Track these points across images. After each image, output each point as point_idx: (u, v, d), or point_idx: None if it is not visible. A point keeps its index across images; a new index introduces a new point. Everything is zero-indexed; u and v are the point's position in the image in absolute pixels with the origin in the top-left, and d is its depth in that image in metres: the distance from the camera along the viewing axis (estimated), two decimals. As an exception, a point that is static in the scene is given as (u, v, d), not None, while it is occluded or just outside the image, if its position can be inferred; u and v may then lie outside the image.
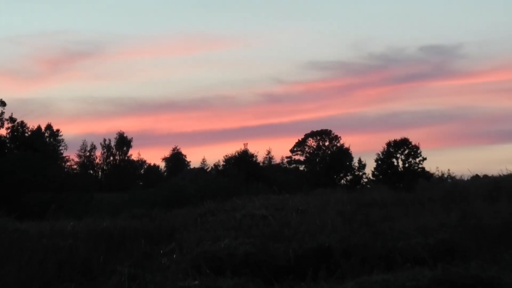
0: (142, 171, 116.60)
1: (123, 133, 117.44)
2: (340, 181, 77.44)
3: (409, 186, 38.01)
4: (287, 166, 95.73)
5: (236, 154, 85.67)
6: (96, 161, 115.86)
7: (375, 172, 46.66)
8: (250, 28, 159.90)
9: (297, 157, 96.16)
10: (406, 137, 45.97)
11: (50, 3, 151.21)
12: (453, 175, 45.69)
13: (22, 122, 72.43)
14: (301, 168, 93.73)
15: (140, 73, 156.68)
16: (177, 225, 25.52)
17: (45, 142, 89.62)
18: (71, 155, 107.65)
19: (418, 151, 44.04)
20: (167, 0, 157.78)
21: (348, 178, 78.47)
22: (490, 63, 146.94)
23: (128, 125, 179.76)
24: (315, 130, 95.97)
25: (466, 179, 42.16)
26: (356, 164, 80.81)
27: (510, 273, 14.99)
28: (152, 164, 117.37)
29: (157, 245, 22.18)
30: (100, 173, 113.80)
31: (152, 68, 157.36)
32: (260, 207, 27.23)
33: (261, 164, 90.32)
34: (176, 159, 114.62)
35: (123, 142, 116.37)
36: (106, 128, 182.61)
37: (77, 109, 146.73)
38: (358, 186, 60.40)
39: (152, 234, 24.00)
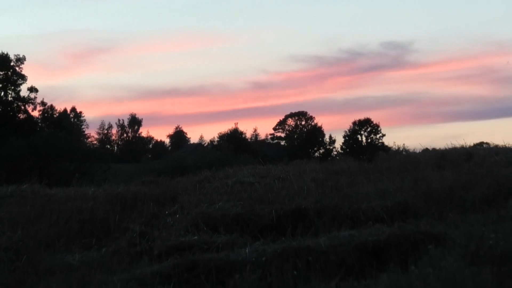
0: (150, 146, 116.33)
1: (135, 114, 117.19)
2: (314, 153, 77.51)
3: (371, 157, 38.03)
4: (271, 141, 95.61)
5: (228, 131, 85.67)
6: (112, 138, 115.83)
7: (343, 146, 46.81)
8: (240, 27, 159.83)
9: (278, 134, 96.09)
10: (368, 117, 46.30)
11: (75, 7, 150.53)
12: (407, 148, 45.83)
13: (51, 105, 72.16)
14: (282, 143, 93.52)
15: (149, 64, 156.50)
16: (179, 190, 25.41)
17: (70, 122, 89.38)
18: (92, 132, 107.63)
19: (379, 129, 44.31)
20: (171, 4, 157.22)
21: (321, 151, 78.60)
22: (437, 56, 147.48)
23: (139, 108, 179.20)
24: (293, 111, 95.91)
25: (417, 151, 42.02)
26: (327, 140, 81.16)
27: (454, 229, 15.04)
28: (158, 140, 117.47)
29: (162, 207, 22.12)
30: (115, 147, 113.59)
31: (158, 61, 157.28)
32: (248, 175, 27.16)
33: (249, 139, 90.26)
34: (178, 136, 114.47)
35: (135, 122, 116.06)
36: (120, 110, 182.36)
37: (97, 94, 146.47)
38: (329, 158, 60.43)
39: (158, 198, 23.91)
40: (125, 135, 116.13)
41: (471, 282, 10.16)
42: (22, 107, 65.02)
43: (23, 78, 64.56)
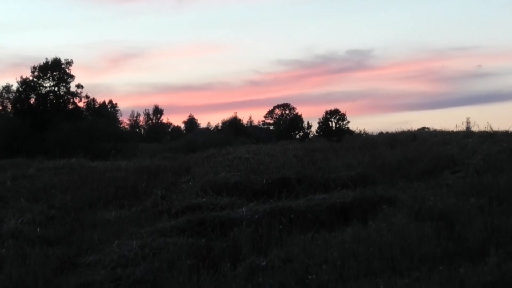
0: (169, 130, 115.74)
1: (158, 105, 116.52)
2: (295, 136, 77.21)
3: (339, 139, 37.88)
4: (262, 126, 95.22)
5: (229, 118, 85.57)
6: (140, 123, 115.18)
7: (318, 130, 46.51)
8: (238, 38, 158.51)
9: (268, 121, 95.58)
10: (337, 108, 45.83)
11: (112, 22, 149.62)
12: (367, 131, 45.54)
13: (93, 98, 71.42)
14: (271, 128, 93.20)
15: (168, 67, 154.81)
16: (192, 164, 25.35)
17: (108, 111, 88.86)
18: (124, 119, 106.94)
19: (345, 117, 43.94)
20: (185, 21, 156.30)
21: (300, 134, 78.35)
22: (390, 61, 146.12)
23: (161, 100, 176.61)
24: (280, 103, 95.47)
25: (375, 134, 41.91)
26: (306, 125, 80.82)
27: (402, 193, 15.07)
28: (176, 125, 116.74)
29: (179, 176, 22.06)
30: (142, 131, 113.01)
31: (176, 64, 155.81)
32: (245, 152, 27.07)
33: (245, 125, 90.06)
34: (191, 122, 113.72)
35: (158, 111, 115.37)
36: (147, 102, 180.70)
37: (128, 90, 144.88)
38: (306, 139, 60.15)
39: (175, 169, 23.86)
40: (150, 121, 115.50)
41: (416, 233, 10.18)
42: (71, 100, 64.75)
43: (72, 77, 64.23)
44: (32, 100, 63.28)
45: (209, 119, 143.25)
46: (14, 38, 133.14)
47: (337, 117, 43.02)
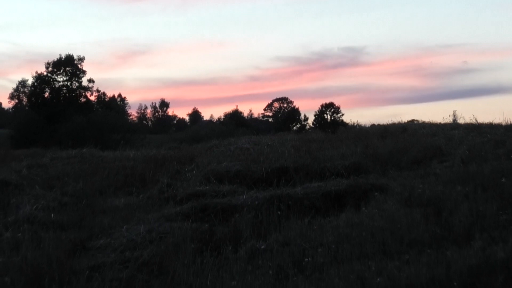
0: (175, 122, 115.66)
1: (164, 99, 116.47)
2: (293, 127, 77.13)
3: (334, 130, 37.77)
4: (262, 119, 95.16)
5: (231, 111, 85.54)
6: (147, 116, 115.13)
7: (314, 122, 46.33)
8: (240, 36, 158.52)
9: (267, 113, 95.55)
10: (332, 101, 45.66)
11: (121, 21, 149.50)
12: (360, 123, 45.41)
13: (104, 92, 70.92)
14: (270, 120, 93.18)
15: (174, 63, 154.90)
16: (196, 153, 25.34)
17: (117, 104, 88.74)
18: (133, 112, 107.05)
19: (339, 110, 43.75)
20: (190, 20, 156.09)
21: (298, 126, 78.30)
22: (382, 57, 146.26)
23: (167, 94, 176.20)
24: (278, 97, 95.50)
25: (367, 126, 41.83)
26: (302, 118, 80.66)
27: (393, 182, 15.03)
28: (181, 117, 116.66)
29: (183, 165, 22.06)
30: (150, 123, 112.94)
31: (181, 60, 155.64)
32: (245, 143, 27.08)
33: (246, 117, 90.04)
34: (195, 114, 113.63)
35: (164, 104, 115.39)
36: (153, 96, 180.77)
37: (136, 84, 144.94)
38: (303, 131, 60.03)
39: (180, 159, 23.84)
40: (157, 114, 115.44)
41: (405, 219, 10.18)
42: (83, 93, 64.71)
43: (84, 72, 64.21)
44: (46, 94, 63.30)
45: (212, 112, 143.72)
46: (29, 36, 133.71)
47: (332, 110, 42.77)
